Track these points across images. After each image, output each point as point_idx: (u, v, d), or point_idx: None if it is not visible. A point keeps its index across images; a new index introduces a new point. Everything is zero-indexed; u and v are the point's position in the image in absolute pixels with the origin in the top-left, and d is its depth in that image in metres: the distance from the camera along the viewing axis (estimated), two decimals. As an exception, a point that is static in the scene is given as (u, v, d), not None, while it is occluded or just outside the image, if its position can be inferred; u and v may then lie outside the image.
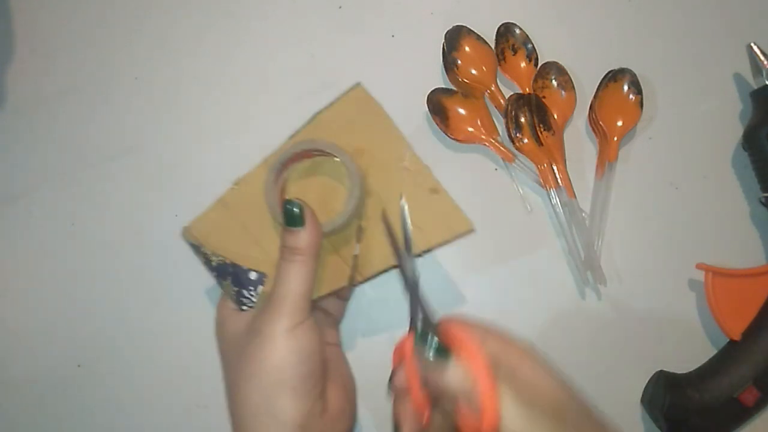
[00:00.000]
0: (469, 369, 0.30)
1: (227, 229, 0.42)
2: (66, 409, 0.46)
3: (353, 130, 0.42)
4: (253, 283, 0.41)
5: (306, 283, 0.37)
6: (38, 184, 0.49)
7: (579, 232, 0.46)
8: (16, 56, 0.51)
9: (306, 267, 0.37)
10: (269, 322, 0.37)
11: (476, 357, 0.29)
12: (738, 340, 0.43)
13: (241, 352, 0.37)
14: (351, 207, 0.39)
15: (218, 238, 0.42)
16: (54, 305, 0.47)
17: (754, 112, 0.47)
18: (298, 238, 0.37)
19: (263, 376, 0.36)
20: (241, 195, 0.42)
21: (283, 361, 0.36)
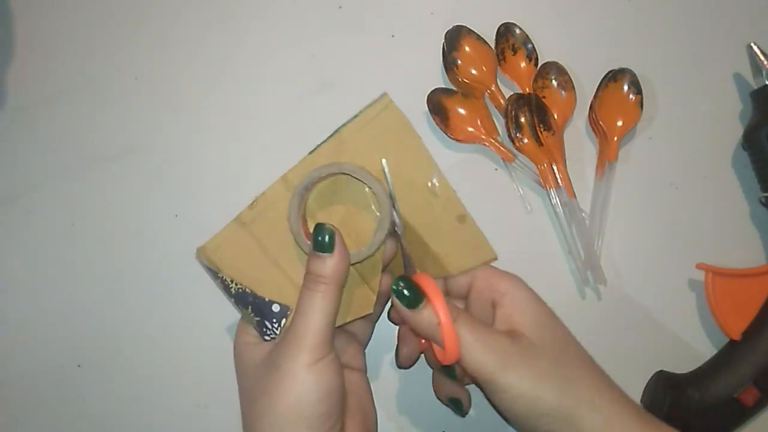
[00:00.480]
0: (434, 313, 0.35)
1: (245, 251, 0.39)
2: (66, 409, 0.46)
3: (379, 147, 0.39)
4: (276, 315, 0.39)
5: (329, 315, 0.36)
6: (38, 184, 0.49)
7: (579, 232, 0.46)
8: (16, 56, 0.51)
9: (330, 297, 0.36)
10: (289, 356, 0.35)
11: (440, 303, 0.35)
12: (738, 340, 0.43)
13: (258, 384, 0.36)
14: (380, 237, 0.38)
15: (236, 261, 0.39)
16: (54, 305, 0.47)
17: (754, 112, 0.47)
18: (325, 266, 0.36)
19: (280, 413, 0.35)
20: (259, 215, 0.39)
21: (301, 398, 0.35)
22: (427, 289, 0.36)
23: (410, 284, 0.36)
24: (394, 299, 0.36)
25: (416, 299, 0.36)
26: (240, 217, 0.40)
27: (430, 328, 0.35)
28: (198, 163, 0.49)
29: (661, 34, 0.50)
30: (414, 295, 0.36)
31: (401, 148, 0.39)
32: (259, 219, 0.39)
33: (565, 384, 0.35)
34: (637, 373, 0.45)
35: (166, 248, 0.47)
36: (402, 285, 0.36)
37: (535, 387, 0.34)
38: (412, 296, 0.36)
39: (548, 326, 0.37)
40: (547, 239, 0.47)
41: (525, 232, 0.47)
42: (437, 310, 0.35)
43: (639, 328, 0.46)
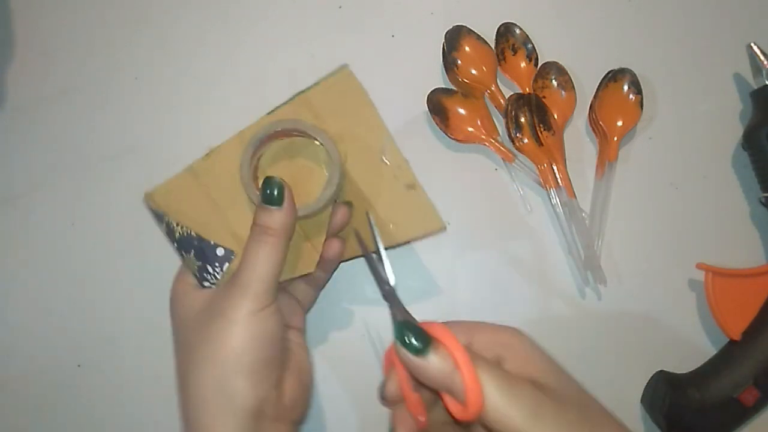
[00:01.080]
0: (449, 358, 0.30)
1: (194, 199, 0.40)
2: (66, 409, 0.46)
3: (335, 113, 0.40)
4: (219, 259, 0.39)
5: (275, 266, 0.36)
6: (38, 184, 0.49)
7: (579, 232, 0.46)
8: (16, 56, 0.51)
9: (277, 249, 0.36)
10: (233, 304, 0.36)
11: (455, 346, 0.30)
12: (738, 340, 0.43)
13: (198, 331, 0.37)
14: (329, 193, 0.38)
15: (184, 208, 0.40)
16: (54, 305, 0.47)
17: (754, 112, 0.47)
18: (273, 218, 0.36)
19: (221, 359, 0.35)
20: (212, 166, 0.40)
21: (243, 345, 0.35)
22: (436, 332, 0.31)
23: (415, 327, 0.31)
24: (398, 347, 0.31)
25: (424, 342, 0.30)
26: (192, 166, 0.40)
27: (445, 375, 0.30)
28: (198, 163, 0.49)
29: (661, 34, 0.50)
30: (421, 338, 0.31)
31: (357, 116, 0.41)
32: (211, 170, 0.40)
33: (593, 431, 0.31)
34: (637, 373, 0.45)
35: (166, 248, 0.47)
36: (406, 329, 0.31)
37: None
38: (418, 339, 0.31)
39: (563, 375, 0.33)
40: (547, 239, 0.47)
41: (525, 232, 0.47)
42: (453, 353, 0.30)
43: (639, 328, 0.46)
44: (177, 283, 0.40)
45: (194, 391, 0.36)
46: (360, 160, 0.40)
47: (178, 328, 0.39)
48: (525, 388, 0.31)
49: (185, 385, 0.37)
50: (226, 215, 0.40)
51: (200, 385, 0.36)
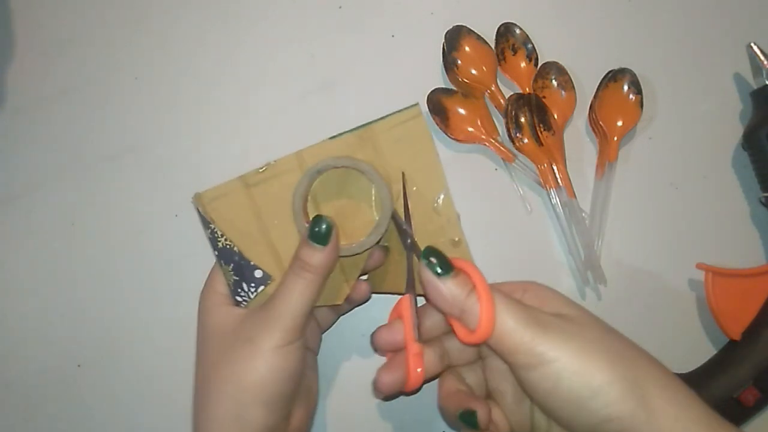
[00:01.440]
0: (468, 282, 0.33)
1: (242, 211, 0.40)
2: (66, 409, 0.46)
3: (397, 151, 0.40)
4: (256, 280, 0.40)
5: (308, 303, 0.37)
6: (38, 184, 0.49)
7: (579, 232, 0.46)
8: (16, 56, 0.51)
9: (313, 287, 0.37)
10: (262, 333, 0.36)
11: (475, 272, 0.33)
12: (738, 340, 0.43)
13: (223, 352, 0.37)
14: (373, 239, 0.39)
15: (230, 217, 0.40)
16: (54, 305, 0.47)
17: (754, 112, 0.47)
18: (315, 257, 0.36)
19: (242, 387, 0.35)
20: (265, 181, 0.40)
21: (265, 377, 0.35)
22: (459, 262, 0.34)
23: (439, 252, 0.34)
24: (422, 267, 0.34)
25: (447, 264, 0.33)
26: (245, 177, 0.40)
27: (462, 296, 0.33)
28: (198, 163, 0.49)
29: (661, 34, 0.50)
30: (444, 261, 0.34)
31: (418, 160, 0.40)
32: (263, 185, 0.40)
33: (618, 355, 0.31)
34: (637, 373, 0.45)
35: (166, 248, 0.47)
36: (432, 252, 0.34)
37: (584, 354, 0.30)
38: (443, 262, 0.34)
39: (585, 312, 0.34)
40: (547, 239, 0.47)
41: (525, 232, 0.47)
42: (472, 276, 0.33)
43: (639, 328, 0.46)
44: (209, 291, 0.40)
45: (211, 412, 0.36)
46: (412, 204, 0.41)
47: (205, 340, 0.39)
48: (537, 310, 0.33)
49: (203, 403, 0.37)
50: (270, 235, 0.40)
51: (218, 407, 0.36)
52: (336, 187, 0.40)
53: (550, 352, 0.30)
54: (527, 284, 0.37)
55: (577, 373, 0.30)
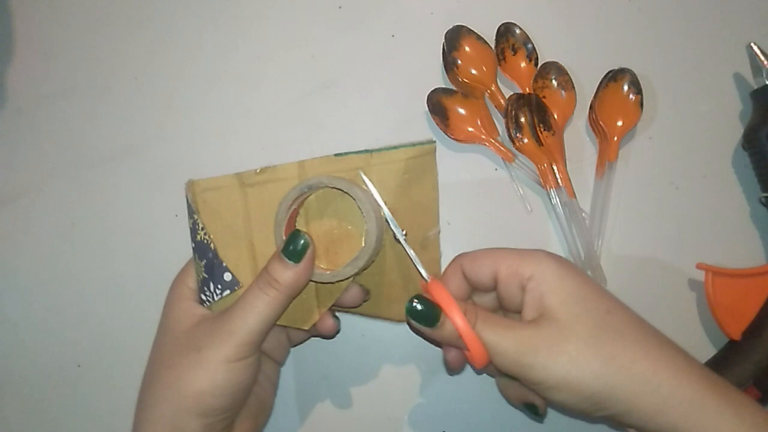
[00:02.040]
0: (452, 324, 0.34)
1: (230, 208, 0.38)
2: (66, 409, 0.46)
3: (403, 183, 0.39)
4: (223, 283, 0.38)
5: (268, 322, 0.35)
6: (38, 184, 0.49)
7: (579, 232, 0.46)
8: (16, 56, 0.51)
9: (276, 305, 0.35)
10: (212, 345, 0.35)
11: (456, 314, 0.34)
12: (738, 340, 0.43)
13: (173, 354, 0.36)
14: (348, 270, 0.37)
15: (216, 212, 0.38)
16: (54, 305, 0.47)
17: (754, 112, 0.47)
18: (285, 274, 0.35)
19: (181, 394, 0.35)
20: (261, 184, 0.38)
21: (205, 389, 0.34)
22: (441, 299, 0.35)
23: (425, 303, 0.34)
24: (413, 323, 0.35)
25: (434, 317, 0.34)
26: (243, 175, 0.39)
27: (453, 340, 0.34)
28: (198, 163, 0.49)
29: (661, 34, 0.50)
30: (430, 313, 0.34)
31: (420, 195, 0.40)
32: (258, 187, 0.38)
33: (603, 363, 0.32)
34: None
35: (166, 248, 0.47)
36: (417, 305, 0.34)
37: (569, 372, 0.32)
38: (429, 315, 0.34)
39: (583, 301, 0.34)
40: (547, 239, 0.47)
41: (525, 232, 0.47)
42: (455, 322, 0.34)
43: (639, 328, 0.46)
44: (179, 282, 0.39)
45: (149, 415, 0.36)
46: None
47: (161, 335, 0.38)
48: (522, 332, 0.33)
49: (144, 404, 0.37)
50: (253, 239, 0.38)
51: (156, 411, 0.35)
52: (332, 206, 0.39)
53: (539, 377, 0.32)
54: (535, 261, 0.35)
55: (568, 386, 0.32)
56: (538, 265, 0.35)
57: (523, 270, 0.35)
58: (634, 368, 0.32)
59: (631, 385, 0.32)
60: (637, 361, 0.32)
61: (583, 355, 0.32)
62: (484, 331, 0.34)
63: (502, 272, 0.36)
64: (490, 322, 0.34)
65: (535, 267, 0.35)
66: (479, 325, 0.34)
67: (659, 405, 0.31)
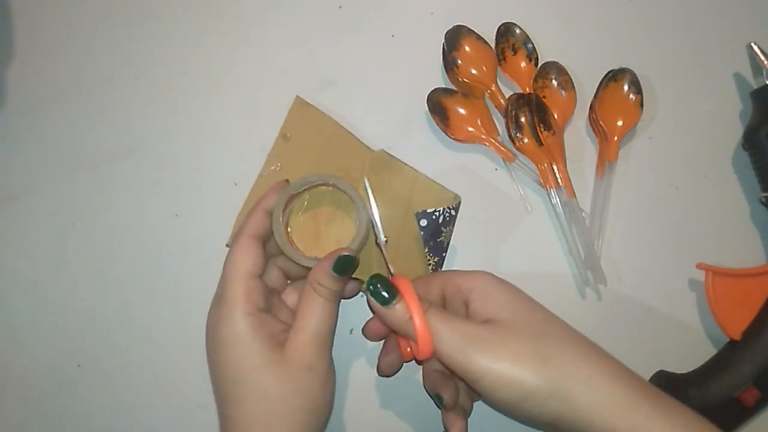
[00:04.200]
0: (406, 308, 0.36)
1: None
2: (66, 409, 0.46)
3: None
4: None
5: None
6: (38, 184, 0.49)
7: (579, 232, 0.46)
8: (16, 56, 0.51)
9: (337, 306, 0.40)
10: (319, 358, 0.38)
11: (411, 298, 0.36)
12: (738, 340, 0.43)
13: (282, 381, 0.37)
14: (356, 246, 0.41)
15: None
16: (54, 305, 0.47)
17: (754, 112, 0.47)
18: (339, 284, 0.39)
19: (314, 412, 0.38)
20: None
21: (330, 399, 0.39)
22: (400, 286, 0.37)
23: (385, 282, 0.37)
24: (369, 297, 0.37)
25: (390, 297, 0.36)
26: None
27: (403, 323, 0.36)
28: (198, 163, 0.49)
29: (661, 34, 0.50)
30: (388, 293, 0.36)
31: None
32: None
33: (542, 361, 0.34)
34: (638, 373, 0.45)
35: (166, 248, 0.47)
36: (376, 283, 0.37)
37: (511, 368, 0.34)
38: (387, 294, 0.36)
39: (522, 310, 0.37)
40: (547, 239, 0.47)
41: (525, 232, 0.47)
42: (409, 305, 0.36)
43: (639, 328, 0.46)
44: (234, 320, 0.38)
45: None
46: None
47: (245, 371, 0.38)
48: (469, 326, 0.35)
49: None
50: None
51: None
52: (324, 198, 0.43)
53: (481, 370, 0.34)
54: (475, 277, 0.38)
55: (507, 383, 0.34)
56: (478, 280, 0.38)
57: (465, 285, 0.38)
58: (572, 368, 0.34)
59: (571, 384, 0.33)
60: (574, 362, 0.34)
61: (524, 353, 0.34)
62: (433, 318, 0.36)
63: (448, 290, 0.39)
64: (441, 312, 0.36)
65: (476, 282, 0.38)
66: (431, 312, 0.36)
67: (597, 406, 0.33)
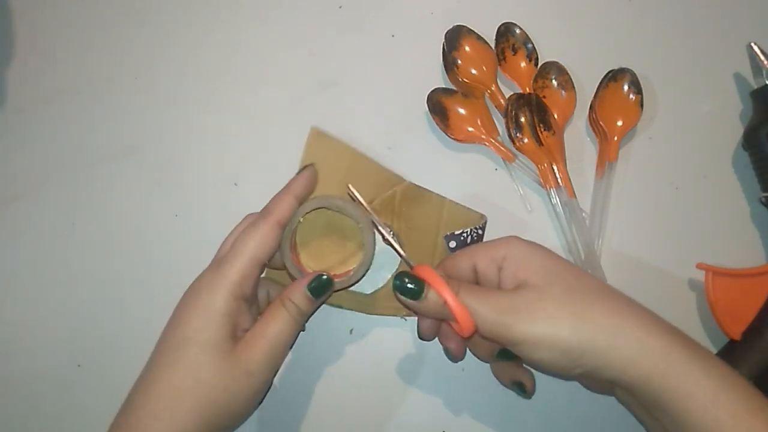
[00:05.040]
0: (438, 296, 0.36)
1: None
2: (66, 409, 0.46)
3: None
4: None
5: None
6: (38, 184, 0.49)
7: (579, 232, 0.46)
8: (16, 56, 0.51)
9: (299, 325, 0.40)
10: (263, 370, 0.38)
11: (440, 285, 0.36)
12: (738, 340, 0.43)
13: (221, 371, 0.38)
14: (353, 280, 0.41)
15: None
16: (54, 305, 0.47)
17: (754, 112, 0.47)
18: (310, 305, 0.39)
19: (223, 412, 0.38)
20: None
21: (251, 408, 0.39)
22: (426, 276, 0.37)
23: (410, 276, 0.37)
24: (399, 296, 0.37)
25: (419, 289, 0.37)
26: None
27: (439, 310, 0.37)
28: (198, 163, 0.49)
29: (661, 34, 0.50)
30: (416, 285, 0.37)
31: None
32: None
33: (577, 319, 0.35)
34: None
35: (166, 248, 0.47)
36: (404, 280, 0.37)
37: (548, 329, 0.34)
38: (415, 287, 0.37)
39: (553, 270, 0.37)
40: (547, 239, 0.47)
41: (525, 232, 0.47)
42: (440, 292, 0.36)
43: (639, 328, 0.46)
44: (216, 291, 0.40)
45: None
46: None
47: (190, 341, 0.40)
48: (502, 296, 0.36)
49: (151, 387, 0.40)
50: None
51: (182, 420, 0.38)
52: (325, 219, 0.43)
53: (520, 336, 0.35)
54: (506, 244, 0.39)
55: (547, 343, 0.34)
56: (510, 246, 0.38)
57: (496, 254, 0.38)
58: (605, 323, 0.35)
59: (604, 338, 0.34)
60: (607, 316, 0.35)
61: (559, 313, 0.35)
62: (467, 297, 0.36)
63: (480, 262, 0.39)
64: (473, 290, 0.37)
65: (507, 248, 0.38)
66: (462, 292, 0.36)
67: (630, 356, 0.34)
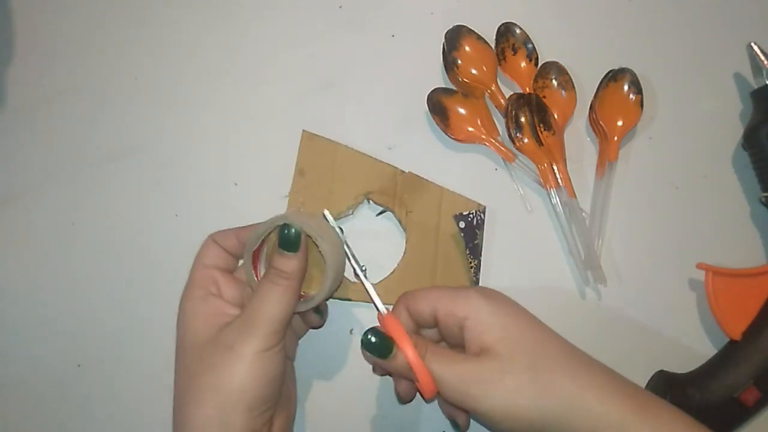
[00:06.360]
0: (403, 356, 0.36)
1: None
2: (66, 409, 0.46)
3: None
4: None
5: (287, 309, 0.38)
6: (38, 184, 0.49)
7: (579, 232, 0.46)
8: (16, 56, 0.51)
9: (289, 292, 0.38)
10: (242, 341, 0.37)
11: (407, 347, 0.36)
12: (738, 340, 0.43)
13: (203, 359, 0.37)
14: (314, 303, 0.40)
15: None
16: (54, 305, 0.47)
17: (754, 112, 0.47)
18: (289, 264, 0.38)
19: (224, 392, 0.36)
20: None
21: (247, 382, 0.36)
22: (394, 333, 0.37)
23: (377, 335, 0.37)
24: (366, 354, 0.37)
25: (387, 349, 0.36)
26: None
27: (405, 371, 0.36)
28: (198, 163, 0.49)
29: (661, 34, 0.50)
30: (384, 345, 0.36)
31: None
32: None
33: (540, 392, 0.35)
34: (637, 373, 0.45)
35: (166, 248, 0.47)
36: (370, 338, 0.37)
37: (510, 404, 0.34)
38: (383, 347, 0.36)
39: (516, 337, 0.37)
40: (547, 239, 0.47)
41: (525, 232, 0.47)
42: (405, 353, 0.36)
43: (639, 328, 0.46)
44: (187, 299, 0.41)
45: (194, 418, 0.36)
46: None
47: (184, 351, 0.39)
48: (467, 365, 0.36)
49: (186, 410, 0.37)
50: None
51: (198, 413, 0.36)
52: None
53: (483, 408, 0.35)
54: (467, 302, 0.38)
55: (510, 417, 0.35)
56: (471, 305, 0.37)
57: (457, 311, 0.37)
58: (566, 394, 0.35)
59: (562, 412, 0.34)
60: (568, 387, 0.35)
61: (523, 387, 0.35)
62: (432, 363, 0.36)
63: (440, 313, 0.38)
64: (439, 355, 0.36)
65: (469, 308, 0.37)
66: (428, 357, 0.36)
67: (590, 427, 0.34)
